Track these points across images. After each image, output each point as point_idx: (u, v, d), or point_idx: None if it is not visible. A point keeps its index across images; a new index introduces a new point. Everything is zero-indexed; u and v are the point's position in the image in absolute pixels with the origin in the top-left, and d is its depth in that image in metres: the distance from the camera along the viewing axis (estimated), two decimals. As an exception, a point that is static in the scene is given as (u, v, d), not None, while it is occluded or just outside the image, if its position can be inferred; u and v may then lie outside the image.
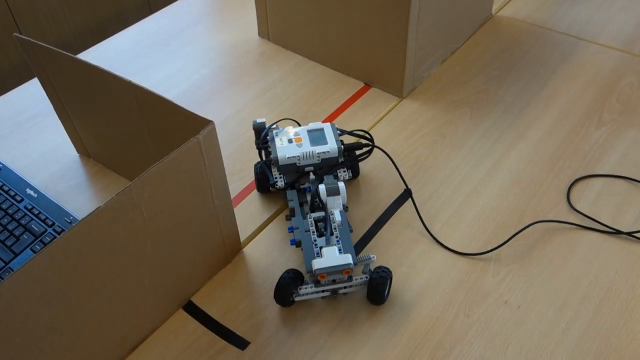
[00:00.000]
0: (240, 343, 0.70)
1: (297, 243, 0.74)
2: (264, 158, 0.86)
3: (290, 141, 0.82)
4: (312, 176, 0.80)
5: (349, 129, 0.96)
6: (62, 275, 0.54)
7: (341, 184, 0.76)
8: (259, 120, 0.85)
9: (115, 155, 0.88)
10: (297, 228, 0.75)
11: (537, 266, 0.76)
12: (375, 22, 0.95)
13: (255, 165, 0.85)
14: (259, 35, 1.19)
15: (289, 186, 0.81)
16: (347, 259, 0.68)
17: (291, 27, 1.10)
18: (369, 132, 0.89)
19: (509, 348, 0.68)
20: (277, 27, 1.14)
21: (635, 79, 1.03)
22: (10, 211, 0.81)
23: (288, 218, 0.80)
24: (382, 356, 0.68)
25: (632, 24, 1.17)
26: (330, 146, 0.81)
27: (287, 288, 0.70)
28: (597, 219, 0.81)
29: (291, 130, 0.84)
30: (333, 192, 0.75)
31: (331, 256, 0.69)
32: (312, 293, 0.71)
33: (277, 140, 0.82)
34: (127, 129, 0.78)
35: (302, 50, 1.12)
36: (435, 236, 0.80)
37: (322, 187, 0.76)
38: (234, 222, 0.76)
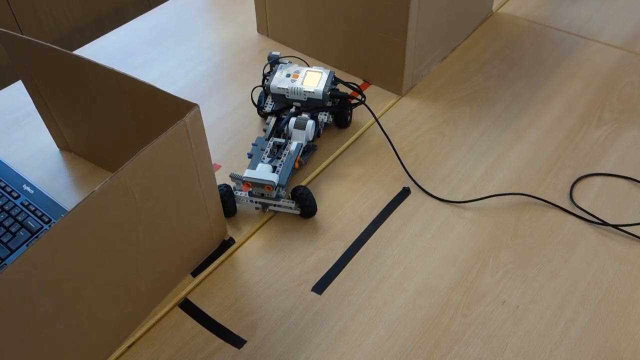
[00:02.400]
0: (237, 342, 0.69)
1: (250, 156, 0.85)
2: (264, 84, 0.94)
3: (288, 75, 0.91)
4: (293, 109, 0.90)
5: (343, 137, 0.96)
6: (61, 261, 0.55)
7: (310, 122, 0.86)
8: (274, 52, 0.96)
9: (98, 149, 0.87)
10: (256, 145, 0.85)
11: (535, 266, 0.75)
12: (374, 19, 0.95)
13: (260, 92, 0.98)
14: (257, 31, 1.18)
15: (274, 113, 0.91)
16: (272, 177, 0.78)
17: (290, 24, 1.09)
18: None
19: (507, 348, 0.67)
20: (276, 24, 1.13)
21: (636, 78, 1.03)
22: (6, 207, 0.81)
23: None
24: (378, 357, 0.67)
25: (633, 22, 1.16)
26: (317, 88, 0.88)
27: (228, 199, 0.80)
28: (597, 215, 0.81)
29: (294, 68, 0.92)
30: (299, 125, 0.85)
31: (262, 171, 0.79)
32: (245, 199, 0.81)
33: (278, 72, 0.92)
34: (111, 118, 0.78)
35: (301, 47, 1.11)
36: (434, 235, 0.79)
37: (293, 119, 0.86)
38: (220, 206, 0.76)
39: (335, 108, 0.92)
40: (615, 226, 0.79)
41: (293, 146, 0.84)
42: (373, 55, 1.00)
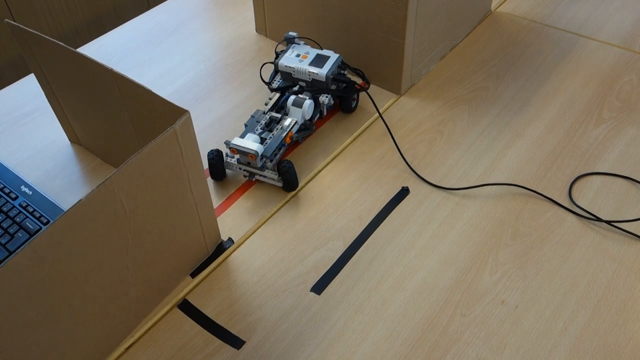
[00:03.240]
0: (236, 342, 0.69)
1: (246, 125, 0.88)
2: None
3: (297, 55, 0.93)
4: (296, 88, 0.93)
5: (346, 127, 0.96)
6: (46, 270, 0.54)
7: (307, 102, 0.88)
8: (291, 33, 0.98)
9: (103, 144, 0.88)
10: (253, 117, 0.89)
11: (534, 265, 0.75)
12: (373, 19, 0.94)
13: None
14: (256, 31, 1.18)
15: (280, 90, 0.93)
16: (256, 147, 0.82)
17: (288, 23, 1.09)
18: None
19: (506, 348, 0.67)
20: (274, 23, 1.13)
21: (635, 76, 1.03)
22: (4, 209, 0.81)
23: None
24: (378, 357, 0.67)
25: (631, 20, 1.16)
26: (321, 71, 0.91)
27: (218, 163, 0.85)
28: (596, 215, 0.80)
29: (306, 49, 0.95)
30: (297, 103, 0.88)
31: (248, 141, 0.83)
32: (234, 165, 0.86)
33: (289, 51, 0.95)
34: (112, 116, 0.78)
35: (299, 46, 1.11)
36: (433, 234, 0.79)
37: (292, 97, 0.89)
38: (213, 213, 0.76)
39: (338, 92, 0.94)
40: (609, 222, 0.79)
41: (287, 122, 0.87)
42: (372, 55, 1.00)
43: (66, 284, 0.57)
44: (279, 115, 0.89)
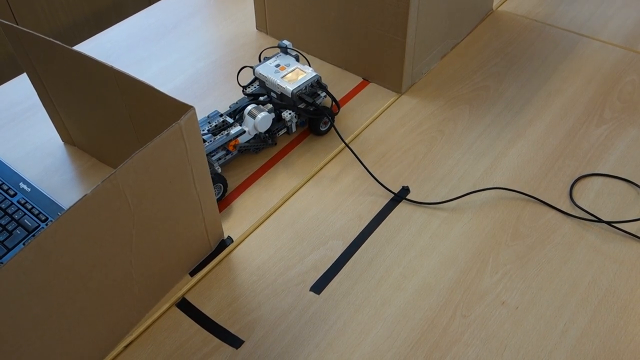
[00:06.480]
0: (235, 341, 0.69)
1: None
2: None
3: (277, 65, 0.91)
4: (264, 98, 0.91)
5: (347, 125, 0.95)
6: (51, 266, 0.54)
7: (262, 114, 0.84)
8: (285, 42, 0.95)
9: (99, 144, 0.87)
10: (208, 117, 0.88)
11: (535, 266, 0.75)
12: (374, 16, 0.94)
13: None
14: (256, 28, 1.17)
15: (253, 96, 0.92)
16: None
17: (289, 21, 1.09)
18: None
19: (506, 349, 0.67)
20: (275, 21, 1.12)
21: (637, 77, 1.02)
22: (3, 205, 0.80)
23: None
24: (377, 357, 0.67)
25: (633, 20, 1.16)
26: (288, 86, 0.88)
27: None
28: (596, 215, 0.80)
29: (288, 60, 0.93)
30: (251, 114, 0.85)
31: None
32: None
33: (271, 59, 0.93)
34: (110, 115, 0.77)
35: (300, 44, 1.10)
36: (433, 234, 0.79)
37: (250, 106, 0.86)
38: (216, 209, 0.75)
39: (305, 112, 0.90)
40: (609, 223, 0.79)
41: (233, 130, 0.85)
42: (372, 53, 0.99)
43: (71, 279, 0.57)
44: (231, 121, 0.86)
